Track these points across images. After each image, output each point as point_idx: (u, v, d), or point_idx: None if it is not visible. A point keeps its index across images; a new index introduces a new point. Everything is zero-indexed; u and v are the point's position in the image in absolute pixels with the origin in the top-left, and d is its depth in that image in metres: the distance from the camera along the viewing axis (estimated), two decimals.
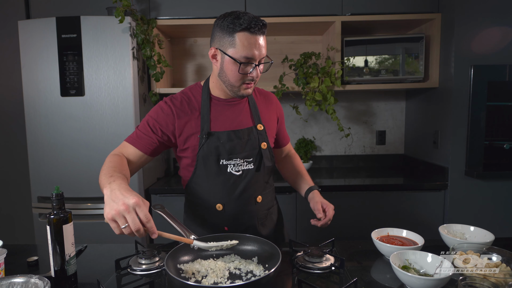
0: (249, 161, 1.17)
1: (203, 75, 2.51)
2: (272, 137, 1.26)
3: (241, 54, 1.04)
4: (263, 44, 1.07)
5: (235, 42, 1.03)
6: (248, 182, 1.17)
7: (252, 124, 1.20)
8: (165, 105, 1.15)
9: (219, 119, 1.16)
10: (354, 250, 1.12)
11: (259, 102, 1.27)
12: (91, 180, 1.90)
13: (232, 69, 1.07)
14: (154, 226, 0.84)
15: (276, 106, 1.33)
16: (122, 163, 1.03)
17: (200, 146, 1.13)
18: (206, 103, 1.16)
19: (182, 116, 1.14)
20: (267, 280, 0.80)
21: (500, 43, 1.89)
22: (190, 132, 1.14)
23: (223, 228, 1.19)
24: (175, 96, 1.18)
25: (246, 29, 1.02)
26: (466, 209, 1.98)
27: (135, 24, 1.89)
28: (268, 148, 1.20)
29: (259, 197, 1.21)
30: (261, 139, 1.19)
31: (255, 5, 2.11)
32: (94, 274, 0.97)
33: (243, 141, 1.16)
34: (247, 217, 1.20)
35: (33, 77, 1.88)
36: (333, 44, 2.13)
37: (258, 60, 1.07)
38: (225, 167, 1.15)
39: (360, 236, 1.96)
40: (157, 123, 1.13)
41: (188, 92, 1.20)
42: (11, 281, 0.78)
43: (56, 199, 0.88)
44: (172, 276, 0.80)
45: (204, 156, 1.13)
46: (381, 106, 2.56)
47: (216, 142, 1.13)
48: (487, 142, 1.95)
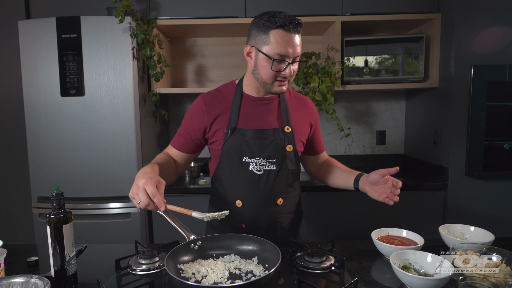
0: (272, 161, 1.16)
1: (203, 75, 2.51)
2: (300, 141, 1.23)
3: (275, 51, 1.05)
4: (298, 43, 1.07)
5: (269, 40, 1.06)
6: (269, 182, 1.17)
7: (279, 126, 1.19)
8: (197, 104, 1.21)
9: (247, 116, 1.18)
10: (354, 250, 1.12)
11: (292, 105, 1.25)
12: (91, 180, 1.91)
13: (266, 66, 1.09)
14: (160, 200, 0.93)
15: (311, 111, 1.30)
16: (165, 157, 1.18)
17: (225, 140, 1.15)
18: (237, 99, 1.19)
19: (212, 112, 1.18)
20: (267, 280, 0.80)
21: (500, 43, 1.89)
22: (218, 126, 1.18)
23: (241, 225, 1.20)
24: (209, 92, 1.23)
25: (281, 26, 1.04)
26: (466, 209, 1.98)
27: (135, 24, 1.89)
28: (293, 151, 1.19)
29: (280, 200, 1.20)
30: (287, 141, 1.18)
31: (255, 5, 2.11)
32: (94, 274, 0.97)
33: (268, 141, 1.16)
34: (266, 217, 1.20)
35: (33, 77, 1.88)
36: (333, 44, 2.13)
37: (292, 58, 1.07)
38: (247, 165, 1.16)
39: (360, 236, 1.96)
40: (190, 123, 1.20)
41: (222, 89, 1.24)
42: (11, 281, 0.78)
43: (56, 199, 0.87)
44: (172, 276, 0.80)
45: (228, 151, 1.16)
46: (381, 106, 2.56)
47: (241, 138, 1.15)
48: (487, 142, 1.95)
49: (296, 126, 1.22)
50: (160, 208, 0.94)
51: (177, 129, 2.57)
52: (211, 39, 2.47)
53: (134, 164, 1.89)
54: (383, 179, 1.12)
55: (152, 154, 2.16)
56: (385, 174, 1.11)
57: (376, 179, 1.13)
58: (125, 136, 1.89)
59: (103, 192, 1.91)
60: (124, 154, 1.89)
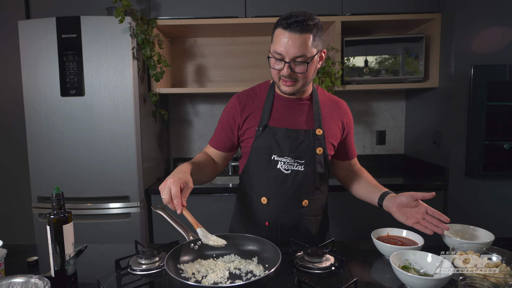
0: (301, 162, 1.16)
1: (203, 75, 2.51)
2: (331, 144, 1.21)
3: (273, 49, 1.07)
4: (297, 43, 1.02)
5: (273, 38, 1.08)
6: (296, 182, 1.17)
7: (310, 127, 1.18)
8: (231, 102, 1.23)
9: (279, 115, 1.18)
10: (354, 250, 1.12)
11: (325, 107, 1.23)
12: (91, 180, 1.90)
13: (270, 64, 1.11)
14: (179, 203, 0.93)
15: (345, 115, 1.26)
16: (204, 157, 1.23)
17: (256, 138, 1.16)
18: (269, 99, 1.20)
19: (246, 111, 1.20)
20: (267, 280, 0.80)
21: (500, 43, 1.89)
22: (250, 124, 1.19)
23: (264, 222, 1.20)
24: (243, 91, 1.25)
25: (280, 24, 1.05)
26: (466, 209, 1.98)
27: (135, 24, 1.89)
28: (324, 154, 1.18)
29: (305, 201, 1.19)
30: (318, 143, 1.16)
31: (255, 5, 2.11)
32: (94, 274, 0.97)
33: (298, 141, 1.16)
34: (290, 217, 1.20)
35: (33, 77, 1.88)
36: (333, 44, 2.13)
37: (289, 58, 1.04)
38: (275, 163, 1.16)
39: (360, 236, 1.96)
40: (226, 122, 1.22)
41: (256, 88, 1.25)
42: (11, 281, 0.78)
43: (56, 199, 0.87)
44: (172, 276, 0.80)
45: (258, 148, 1.17)
46: (381, 106, 2.56)
47: (271, 136, 1.16)
48: (487, 142, 1.95)
49: (327, 129, 1.20)
50: (177, 210, 0.94)
51: (177, 129, 2.58)
52: (211, 39, 2.47)
53: (134, 164, 1.89)
54: (414, 203, 1.07)
55: (152, 154, 2.16)
56: (418, 198, 1.06)
57: (407, 201, 1.07)
58: (125, 136, 1.89)
59: (103, 192, 1.91)
60: (124, 154, 1.89)
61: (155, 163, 2.23)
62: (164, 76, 2.19)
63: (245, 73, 2.50)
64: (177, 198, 0.93)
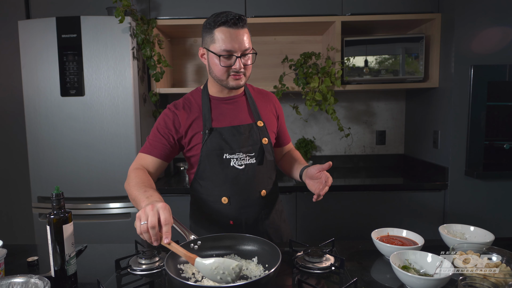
0: (251, 155, 1.20)
1: (203, 75, 2.51)
2: (272, 132, 1.29)
3: (221, 47, 1.09)
4: (244, 37, 1.10)
5: (214, 38, 1.10)
6: (251, 176, 1.20)
7: (252, 121, 1.24)
8: (169, 112, 1.21)
9: (220, 117, 1.21)
10: (354, 250, 1.12)
11: (258, 100, 1.30)
12: (91, 180, 1.91)
13: (216, 63, 1.12)
14: (169, 232, 0.84)
15: (275, 104, 1.35)
16: (148, 177, 1.10)
17: (204, 142, 1.17)
18: (206, 103, 1.22)
19: (185, 119, 1.19)
20: (267, 280, 0.80)
21: (500, 43, 1.89)
22: (194, 131, 1.19)
23: (228, 222, 1.20)
24: (177, 102, 1.24)
25: (223, 23, 1.08)
26: (466, 209, 1.98)
27: (135, 24, 1.89)
28: (269, 143, 1.24)
29: (263, 191, 1.23)
30: (262, 134, 1.22)
31: (255, 5, 2.11)
32: (94, 274, 0.97)
33: (245, 136, 1.19)
34: (252, 211, 1.22)
35: (33, 77, 1.88)
36: (333, 44, 2.13)
37: (240, 52, 1.10)
38: (228, 161, 1.18)
39: (360, 236, 1.96)
40: (166, 128, 1.19)
41: (189, 97, 1.26)
42: (11, 281, 0.78)
43: (56, 199, 0.88)
44: (172, 276, 0.80)
45: (208, 152, 1.17)
46: (381, 106, 2.56)
47: (219, 137, 1.17)
48: (487, 142, 1.95)
49: (266, 120, 1.27)
50: (164, 240, 0.83)
51: None
52: None
53: None
54: (317, 174, 1.12)
55: None
56: (319, 170, 1.12)
57: (312, 173, 1.14)
58: (125, 136, 1.89)
59: (103, 192, 1.91)
60: (124, 154, 1.89)
61: None
62: (164, 76, 2.19)
63: None
64: (168, 225, 0.84)
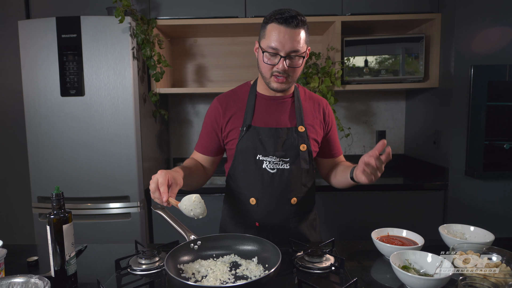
0: (286, 161, 1.16)
1: (203, 75, 2.51)
2: (314, 140, 1.22)
3: (268, 44, 1.07)
4: (294, 38, 1.05)
5: (265, 33, 1.08)
6: (283, 181, 1.17)
7: (293, 125, 1.19)
8: (213, 105, 1.23)
9: (261, 115, 1.19)
10: (354, 250, 1.12)
11: (306, 104, 1.24)
12: (91, 180, 1.90)
13: (262, 59, 1.10)
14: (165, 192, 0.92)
15: (325, 111, 1.27)
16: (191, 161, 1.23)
17: (240, 138, 1.16)
18: (251, 98, 1.20)
19: (227, 112, 1.20)
20: (267, 280, 0.80)
21: (500, 43, 1.89)
22: (233, 126, 1.19)
23: (254, 223, 1.20)
24: (224, 94, 1.25)
25: (276, 19, 1.05)
26: (466, 209, 1.98)
27: (135, 24, 1.89)
28: (307, 151, 1.18)
29: (294, 199, 1.19)
30: (301, 141, 1.17)
31: (255, 5, 2.11)
32: (94, 274, 0.97)
33: (281, 140, 1.16)
34: (280, 216, 1.20)
35: (33, 77, 1.88)
36: (333, 44, 2.13)
37: (285, 52, 1.06)
38: (260, 163, 1.16)
39: (360, 236, 1.96)
40: (210, 126, 1.21)
41: (237, 90, 1.26)
42: (11, 281, 0.78)
43: (56, 199, 0.87)
44: (172, 276, 0.80)
45: (242, 149, 1.16)
46: (381, 106, 2.56)
47: (255, 136, 1.16)
48: (487, 142, 1.95)
49: (309, 126, 1.21)
50: (163, 198, 0.93)
51: (176, 129, 2.58)
52: (211, 39, 2.47)
53: (134, 164, 1.89)
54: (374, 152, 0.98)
55: (152, 154, 2.16)
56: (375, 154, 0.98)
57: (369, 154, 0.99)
58: (125, 136, 1.89)
59: (103, 192, 1.91)
60: (124, 154, 1.89)
61: (155, 163, 2.23)
62: (164, 76, 2.19)
63: (245, 73, 2.50)
64: (163, 186, 0.92)
